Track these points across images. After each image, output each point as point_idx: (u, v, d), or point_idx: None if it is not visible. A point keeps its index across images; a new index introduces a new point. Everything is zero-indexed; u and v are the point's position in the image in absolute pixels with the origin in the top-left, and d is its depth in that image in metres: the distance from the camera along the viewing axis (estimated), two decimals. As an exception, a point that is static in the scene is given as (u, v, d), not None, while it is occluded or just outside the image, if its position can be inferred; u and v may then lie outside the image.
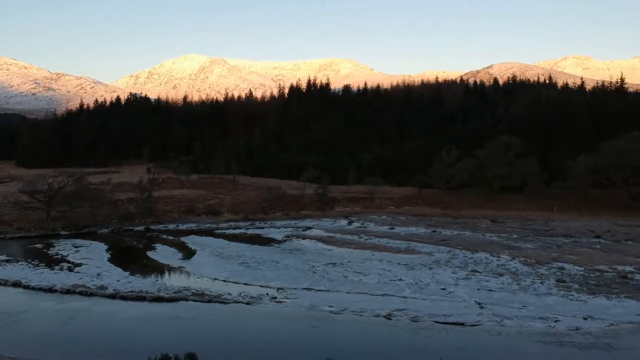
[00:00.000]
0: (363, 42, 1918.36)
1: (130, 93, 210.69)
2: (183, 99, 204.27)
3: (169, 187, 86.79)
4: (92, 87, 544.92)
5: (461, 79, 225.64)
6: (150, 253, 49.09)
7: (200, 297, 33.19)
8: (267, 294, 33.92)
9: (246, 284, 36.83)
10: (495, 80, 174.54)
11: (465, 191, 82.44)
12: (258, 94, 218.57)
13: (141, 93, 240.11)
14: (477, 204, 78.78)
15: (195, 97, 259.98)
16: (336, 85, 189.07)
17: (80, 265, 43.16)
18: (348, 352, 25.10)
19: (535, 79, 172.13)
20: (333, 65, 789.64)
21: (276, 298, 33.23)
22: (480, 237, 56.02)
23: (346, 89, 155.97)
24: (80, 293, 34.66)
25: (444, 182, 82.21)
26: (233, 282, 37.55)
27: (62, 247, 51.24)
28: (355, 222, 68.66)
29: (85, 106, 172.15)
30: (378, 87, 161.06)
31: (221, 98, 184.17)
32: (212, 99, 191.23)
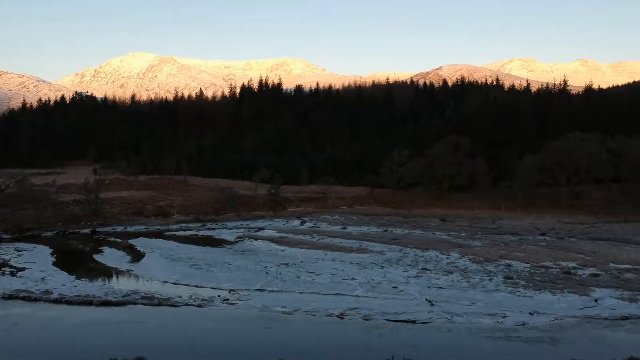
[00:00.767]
0: (315, 43, 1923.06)
1: (75, 92, 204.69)
2: (131, 98, 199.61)
3: (117, 189, 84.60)
4: (36, 86, 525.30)
5: (411, 80, 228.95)
6: (97, 256, 47.72)
7: (149, 301, 32.45)
8: (219, 296, 33.47)
9: (197, 286, 36.25)
10: (444, 81, 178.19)
11: (415, 190, 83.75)
12: (209, 94, 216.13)
13: (87, 92, 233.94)
14: (428, 203, 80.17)
15: (143, 96, 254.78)
16: (288, 85, 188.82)
17: (23, 269, 41.53)
18: (301, 353, 24.99)
19: (483, 81, 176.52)
20: (285, 65, 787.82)
21: (228, 300, 32.81)
22: (430, 236, 57.01)
23: (298, 89, 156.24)
24: (23, 298, 33.30)
25: (395, 182, 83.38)
26: (184, 285, 36.89)
27: (4, 251, 49.15)
28: (308, 222, 68.69)
29: (28, 105, 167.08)
30: (330, 88, 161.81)
31: (171, 97, 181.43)
32: (162, 98, 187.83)
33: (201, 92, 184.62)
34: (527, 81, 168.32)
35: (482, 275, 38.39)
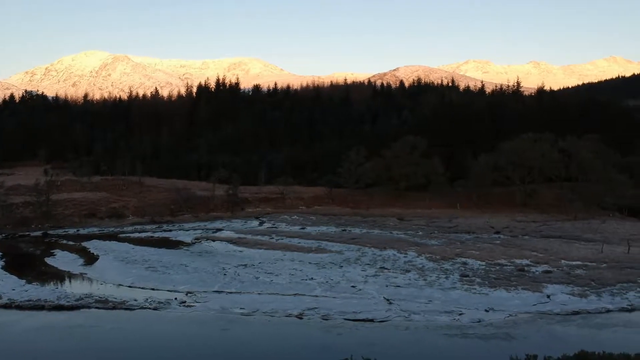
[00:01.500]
0: (273, 42, 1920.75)
1: (25, 90, 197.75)
2: (83, 97, 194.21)
3: (69, 190, 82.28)
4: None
5: (369, 81, 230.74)
6: (48, 259, 46.36)
7: (103, 304, 31.70)
8: (176, 299, 32.93)
9: (153, 289, 35.59)
10: (401, 82, 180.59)
11: (373, 190, 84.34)
12: (164, 93, 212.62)
13: (37, 91, 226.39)
14: (385, 203, 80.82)
15: (96, 95, 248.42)
16: (246, 85, 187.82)
17: (-32, 274, 39.96)
18: (260, 354, 24.85)
19: (439, 82, 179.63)
20: (243, 64, 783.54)
21: (185, 302, 32.32)
22: (388, 235, 57.49)
23: (256, 89, 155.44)
24: (-32, 305, 32.05)
25: (353, 182, 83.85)
26: (139, 288, 36.17)
27: (-52, 256, 47.23)
28: (266, 223, 68.34)
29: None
30: (288, 88, 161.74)
31: (125, 96, 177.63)
32: (115, 98, 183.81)
33: (156, 92, 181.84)
34: (482, 82, 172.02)
35: (439, 273, 38.92)
